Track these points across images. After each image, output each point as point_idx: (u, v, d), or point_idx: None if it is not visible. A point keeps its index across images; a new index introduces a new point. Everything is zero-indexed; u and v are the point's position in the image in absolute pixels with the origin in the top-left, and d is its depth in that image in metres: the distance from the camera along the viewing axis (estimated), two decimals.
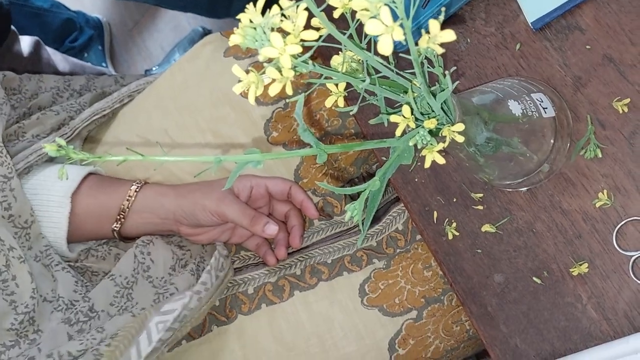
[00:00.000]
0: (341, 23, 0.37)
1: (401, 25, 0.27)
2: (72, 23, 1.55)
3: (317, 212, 0.66)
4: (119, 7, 1.61)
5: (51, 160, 0.70)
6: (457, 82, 0.36)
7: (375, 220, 0.70)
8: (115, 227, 0.66)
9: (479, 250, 0.57)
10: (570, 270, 0.52)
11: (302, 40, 0.29)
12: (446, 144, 0.36)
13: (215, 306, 0.66)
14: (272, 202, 0.68)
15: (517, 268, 0.55)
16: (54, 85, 0.77)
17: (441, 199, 0.59)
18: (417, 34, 0.57)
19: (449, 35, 0.27)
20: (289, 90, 0.30)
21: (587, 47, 0.52)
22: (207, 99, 0.71)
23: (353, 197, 0.72)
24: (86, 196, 0.66)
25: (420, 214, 0.60)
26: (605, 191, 0.50)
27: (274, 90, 0.30)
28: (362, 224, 0.38)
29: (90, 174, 0.69)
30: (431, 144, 0.35)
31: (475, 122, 0.44)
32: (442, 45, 0.29)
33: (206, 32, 1.48)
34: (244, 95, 0.31)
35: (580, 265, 0.51)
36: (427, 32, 0.28)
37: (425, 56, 0.37)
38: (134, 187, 0.66)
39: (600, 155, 0.51)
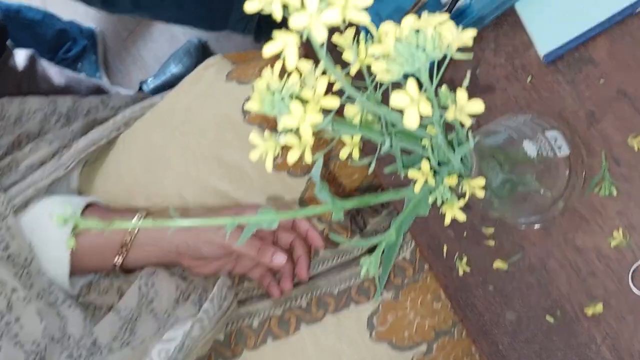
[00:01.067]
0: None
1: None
2: (65, 34, 1.52)
3: (323, 242, 0.65)
4: (112, 17, 1.58)
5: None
6: (477, 137, 0.35)
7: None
8: (118, 261, 0.64)
9: (491, 287, 0.56)
10: (585, 309, 0.51)
11: (322, 107, 0.27)
12: (466, 199, 0.35)
13: (219, 341, 0.64)
14: (276, 231, 0.66)
15: (529, 306, 0.54)
16: (38, 108, 0.75)
17: (451, 233, 0.58)
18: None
19: (478, 106, 0.26)
20: (309, 158, 0.28)
21: (601, 81, 0.50)
22: (211, 124, 0.69)
23: (360, 228, 0.70)
24: (86, 230, 0.64)
25: (429, 248, 0.59)
26: (620, 229, 0.49)
27: (292, 158, 0.28)
28: (379, 279, 0.37)
29: (89, 204, 0.67)
30: (452, 201, 0.34)
31: (491, 166, 0.42)
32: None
33: (202, 43, 1.46)
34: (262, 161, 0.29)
35: (595, 305, 0.50)
36: (454, 102, 0.26)
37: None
38: (135, 220, 0.64)
39: (615, 193, 0.49)
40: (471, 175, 0.37)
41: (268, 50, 0.22)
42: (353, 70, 0.32)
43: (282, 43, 0.22)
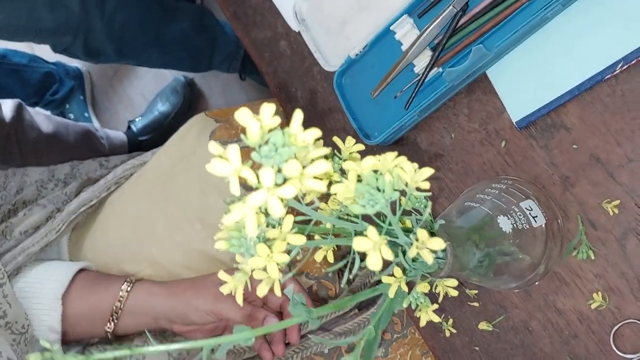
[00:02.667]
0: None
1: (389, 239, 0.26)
2: (51, 76, 1.53)
3: (312, 302, 0.66)
4: None
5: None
6: (447, 243, 0.35)
7: (371, 303, 0.69)
8: (109, 328, 0.65)
9: (477, 348, 0.56)
10: None
11: (289, 243, 0.28)
12: (440, 300, 0.36)
13: None
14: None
15: None
16: (38, 178, 0.76)
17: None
18: (399, 132, 0.57)
19: (438, 243, 0.26)
20: (278, 293, 0.29)
21: (574, 146, 0.51)
22: (195, 187, 0.70)
23: (349, 281, 0.71)
24: (77, 298, 0.65)
25: None
26: (599, 292, 0.50)
27: (262, 292, 0.29)
28: None
29: (80, 270, 0.68)
30: (426, 305, 0.35)
31: (467, 250, 0.43)
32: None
33: (188, 81, 1.47)
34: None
35: None
36: (417, 238, 0.27)
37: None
38: (124, 287, 0.65)
39: (592, 257, 0.50)
40: (445, 267, 0.38)
41: (227, 221, 0.23)
42: (330, 198, 0.33)
43: (241, 214, 0.23)
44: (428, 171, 0.27)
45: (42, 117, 1.30)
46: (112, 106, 1.60)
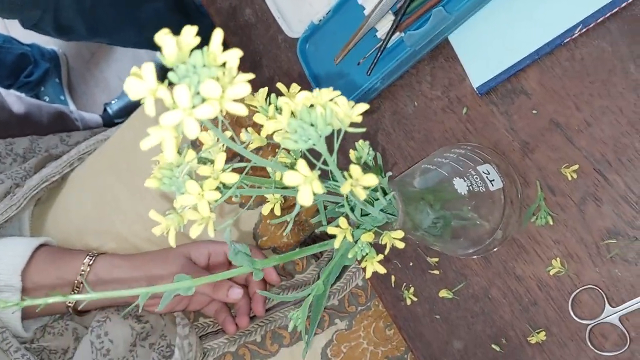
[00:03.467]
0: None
1: (322, 175, 0.25)
2: (26, 57, 1.51)
3: (279, 278, 0.65)
4: None
5: None
6: (393, 192, 0.35)
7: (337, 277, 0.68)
8: (70, 302, 0.64)
9: (437, 316, 0.56)
10: (528, 338, 0.51)
11: (222, 182, 0.27)
12: (387, 252, 0.35)
13: None
14: (231, 266, 0.66)
15: (475, 334, 0.54)
16: None
17: (398, 263, 0.58)
18: (363, 99, 0.56)
19: (371, 179, 0.26)
20: (211, 232, 0.28)
21: (534, 111, 0.51)
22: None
23: (317, 256, 0.70)
24: (37, 272, 0.64)
25: (377, 278, 0.60)
26: (558, 258, 0.50)
27: (195, 233, 0.28)
28: (307, 332, 0.37)
29: (41, 245, 0.66)
30: (372, 256, 0.34)
31: (420, 209, 0.43)
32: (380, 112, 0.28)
33: None
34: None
35: (538, 333, 0.51)
36: (350, 175, 0.26)
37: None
38: (87, 260, 0.64)
39: (551, 222, 0.50)
40: (396, 223, 0.37)
41: (145, 145, 0.22)
42: (263, 133, 0.32)
43: (158, 137, 0.22)
44: (363, 106, 0.26)
45: (13, 98, 1.28)
46: (88, 90, 1.58)
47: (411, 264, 0.57)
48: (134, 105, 1.45)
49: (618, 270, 0.48)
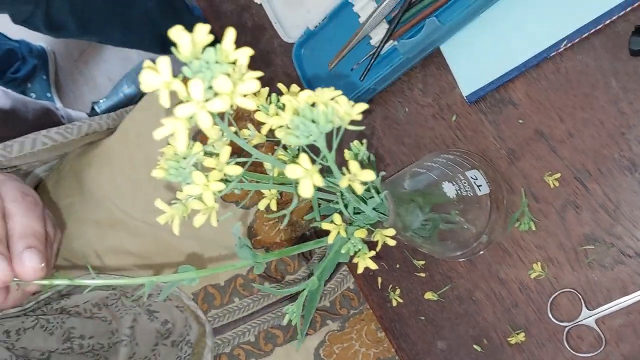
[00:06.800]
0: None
1: (322, 168, 0.27)
2: (13, 53, 1.50)
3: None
4: None
5: None
6: (385, 191, 0.36)
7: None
8: None
9: (422, 317, 0.58)
10: (508, 339, 0.53)
11: (225, 175, 0.29)
12: (378, 249, 0.37)
13: None
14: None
15: (458, 335, 0.56)
16: None
17: (384, 265, 0.60)
18: (362, 99, 0.58)
19: (369, 175, 0.27)
20: (214, 222, 0.29)
21: (520, 121, 0.53)
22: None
23: (307, 258, 0.71)
24: None
25: (365, 279, 0.61)
26: (539, 262, 0.52)
27: (198, 222, 0.29)
28: (301, 327, 0.38)
29: None
30: (364, 252, 0.36)
31: (410, 210, 0.44)
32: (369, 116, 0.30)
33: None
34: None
35: (518, 334, 0.52)
36: (348, 170, 0.28)
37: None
38: None
39: (534, 228, 0.52)
40: (387, 222, 0.39)
41: (158, 134, 0.23)
42: (264, 131, 0.34)
43: (171, 128, 0.23)
44: (362, 106, 0.28)
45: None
46: (76, 88, 1.57)
47: (398, 266, 0.59)
48: (122, 105, 1.45)
49: (595, 274, 0.50)
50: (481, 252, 0.54)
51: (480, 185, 0.50)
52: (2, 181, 0.44)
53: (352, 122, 0.28)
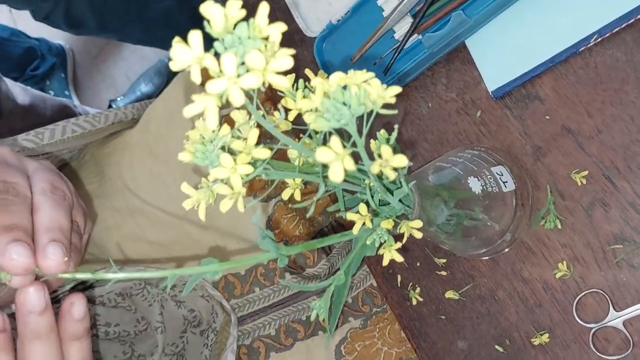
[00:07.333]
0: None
1: (353, 148, 0.26)
2: (33, 51, 1.51)
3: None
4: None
5: None
6: (413, 181, 0.35)
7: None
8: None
9: (443, 317, 0.56)
10: (532, 339, 0.52)
11: (253, 158, 0.28)
12: (404, 241, 0.36)
13: None
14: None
15: (480, 335, 0.55)
16: None
17: (405, 262, 0.59)
18: None
19: (402, 160, 0.26)
20: (241, 208, 0.29)
21: (547, 117, 0.52)
22: (182, 147, 0.67)
23: (326, 252, 0.70)
24: None
25: (384, 277, 0.60)
26: (564, 262, 0.51)
27: (225, 207, 0.29)
28: (329, 322, 0.37)
29: None
30: (389, 244, 0.35)
31: (435, 204, 0.43)
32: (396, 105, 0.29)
33: None
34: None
35: (542, 335, 0.51)
36: (380, 156, 0.27)
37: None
38: None
39: (560, 226, 0.51)
40: (412, 215, 0.38)
41: (188, 112, 0.23)
42: (291, 117, 0.33)
43: (202, 105, 0.23)
44: (396, 89, 0.27)
45: (19, 89, 1.28)
46: (94, 86, 1.58)
47: (418, 264, 0.58)
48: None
49: (623, 275, 0.48)
50: (505, 250, 0.52)
51: (506, 182, 0.49)
52: (35, 170, 0.43)
53: (385, 107, 0.27)
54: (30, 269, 0.36)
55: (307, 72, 0.34)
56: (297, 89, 0.34)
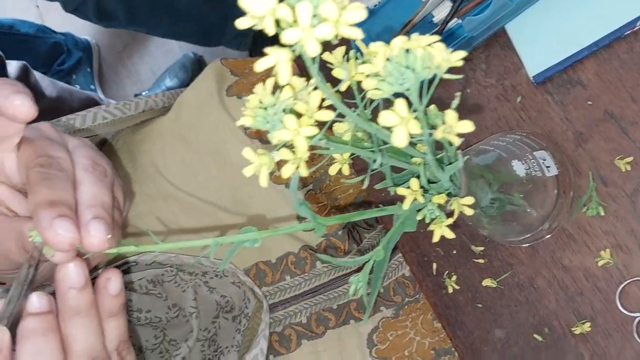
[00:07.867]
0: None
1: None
2: (59, 46, 1.53)
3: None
4: (108, 30, 1.59)
5: None
6: (467, 157, 0.35)
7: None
8: None
9: (480, 305, 0.56)
10: (572, 328, 0.51)
11: (316, 120, 0.28)
12: (455, 217, 0.35)
13: None
14: None
15: (518, 323, 0.54)
16: None
17: (440, 250, 0.58)
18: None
19: (467, 126, 0.26)
20: (304, 172, 0.29)
21: (589, 102, 0.51)
22: (214, 135, 0.67)
23: (357, 242, 0.70)
24: None
25: (419, 265, 0.59)
26: (607, 250, 0.50)
27: (287, 172, 0.29)
28: (368, 298, 0.37)
29: None
30: (440, 220, 0.34)
31: (480, 185, 0.43)
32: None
33: (197, 58, 1.47)
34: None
35: (583, 324, 0.50)
36: (443, 122, 0.27)
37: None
38: None
39: (602, 213, 0.50)
40: (460, 194, 0.38)
41: (260, 65, 0.23)
42: (343, 87, 0.33)
43: (275, 58, 0.23)
44: (462, 53, 0.27)
45: (47, 82, 1.30)
46: (119, 80, 1.59)
47: (455, 252, 0.57)
48: None
49: None
50: (546, 237, 0.52)
51: (549, 167, 0.49)
52: (76, 146, 0.44)
53: (449, 71, 0.27)
54: (75, 244, 0.36)
55: (359, 43, 0.33)
56: (346, 59, 0.34)
